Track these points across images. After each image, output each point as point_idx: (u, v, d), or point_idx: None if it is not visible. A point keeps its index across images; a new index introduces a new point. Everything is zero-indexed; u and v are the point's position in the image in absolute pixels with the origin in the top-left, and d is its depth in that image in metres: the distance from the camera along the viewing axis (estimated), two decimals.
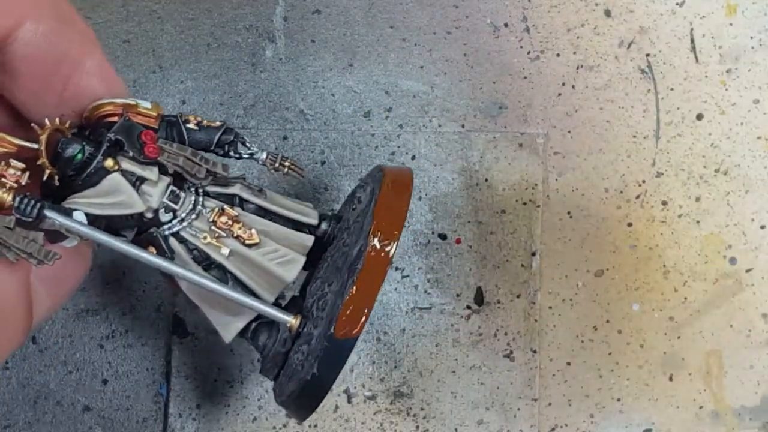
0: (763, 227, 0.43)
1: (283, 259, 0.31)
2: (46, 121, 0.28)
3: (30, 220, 0.26)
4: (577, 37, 0.42)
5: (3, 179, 0.26)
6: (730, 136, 0.43)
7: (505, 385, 0.42)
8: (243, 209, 0.31)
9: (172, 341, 0.41)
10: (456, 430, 0.42)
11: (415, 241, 0.42)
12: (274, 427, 0.41)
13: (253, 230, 0.30)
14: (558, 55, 0.42)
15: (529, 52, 0.42)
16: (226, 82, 0.42)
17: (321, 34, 0.42)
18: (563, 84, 0.42)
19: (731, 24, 0.42)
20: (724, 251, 0.42)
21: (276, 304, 0.31)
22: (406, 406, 0.42)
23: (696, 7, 0.42)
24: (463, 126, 0.42)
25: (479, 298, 0.42)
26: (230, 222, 0.30)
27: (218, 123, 0.31)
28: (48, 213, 0.27)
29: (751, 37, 0.42)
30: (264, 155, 0.32)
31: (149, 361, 0.41)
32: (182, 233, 0.30)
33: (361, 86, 0.42)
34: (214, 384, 0.41)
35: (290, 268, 0.31)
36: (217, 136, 0.31)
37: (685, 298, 0.42)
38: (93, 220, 0.28)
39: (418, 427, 0.42)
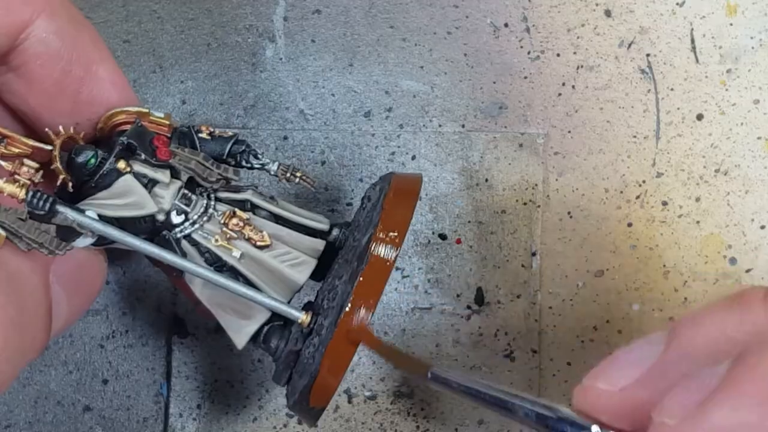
0: (763, 227, 0.43)
1: (294, 261, 0.31)
2: (61, 128, 0.28)
3: (42, 213, 0.26)
4: (578, 37, 0.42)
5: (16, 176, 0.27)
6: (730, 136, 0.43)
7: (506, 386, 0.42)
8: (254, 214, 0.31)
9: (172, 341, 0.41)
10: (456, 430, 0.42)
11: (416, 241, 0.42)
12: (275, 427, 0.41)
13: (265, 232, 0.31)
14: (558, 55, 0.42)
15: (529, 52, 0.42)
16: (226, 82, 0.42)
17: (321, 34, 0.42)
18: (563, 84, 0.42)
19: (731, 24, 0.42)
20: (724, 251, 0.42)
21: None
22: (406, 406, 0.42)
23: (696, 7, 0.42)
24: (463, 126, 0.42)
25: (479, 299, 0.42)
26: (241, 224, 0.30)
27: (230, 133, 0.32)
28: (60, 208, 0.27)
29: (752, 38, 0.42)
30: (275, 166, 0.32)
31: (150, 361, 0.41)
32: (194, 236, 0.30)
33: (361, 86, 0.42)
34: (214, 384, 0.41)
35: (302, 270, 0.31)
36: (228, 146, 0.32)
37: (685, 299, 0.42)
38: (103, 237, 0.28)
39: (418, 427, 0.42)
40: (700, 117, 0.43)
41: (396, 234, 0.29)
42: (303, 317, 0.30)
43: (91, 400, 0.41)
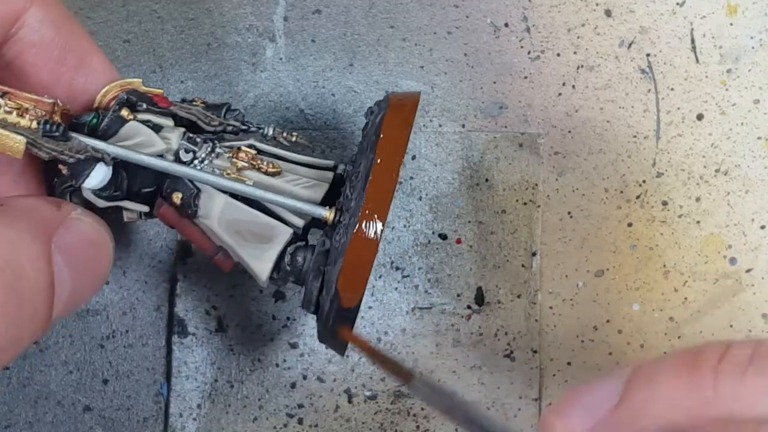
0: (763, 227, 0.43)
1: (307, 183, 0.31)
2: (58, 101, 0.28)
3: (57, 134, 0.27)
4: (578, 37, 0.42)
5: (26, 114, 0.27)
6: (731, 136, 0.43)
7: (506, 385, 0.42)
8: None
9: (172, 341, 0.41)
10: (456, 430, 0.42)
11: (416, 241, 0.42)
12: (275, 427, 0.41)
13: (274, 161, 0.31)
14: (558, 55, 0.42)
15: (529, 52, 0.42)
16: (227, 82, 0.42)
17: (321, 34, 0.42)
18: (563, 84, 0.42)
19: (732, 24, 0.42)
20: (725, 251, 0.42)
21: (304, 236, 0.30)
22: (406, 406, 0.42)
23: (696, 7, 0.42)
24: (463, 126, 0.42)
25: (480, 298, 0.42)
26: (250, 155, 0.31)
27: (221, 102, 0.32)
28: (72, 134, 0.27)
29: (752, 37, 0.42)
30: (271, 129, 0.32)
31: (150, 361, 0.41)
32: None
33: (361, 86, 0.42)
34: (214, 384, 0.41)
35: (316, 191, 0.31)
36: (223, 112, 0.32)
37: (686, 299, 0.42)
38: (114, 179, 0.28)
39: (418, 426, 0.42)
40: (700, 117, 0.43)
41: (399, 139, 0.29)
42: (327, 213, 0.30)
43: (91, 400, 0.41)
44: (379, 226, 0.28)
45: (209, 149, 0.30)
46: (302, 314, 0.42)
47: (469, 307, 0.42)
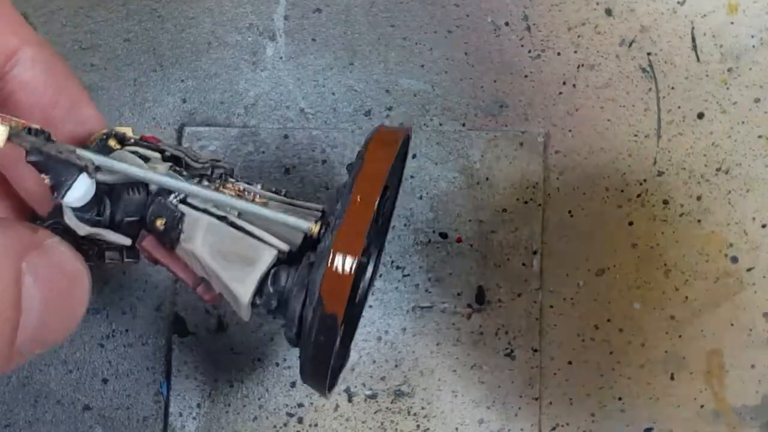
0: (764, 226, 0.42)
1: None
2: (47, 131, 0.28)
3: (41, 136, 0.26)
4: (578, 36, 0.42)
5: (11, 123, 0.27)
6: (731, 135, 0.42)
7: (506, 384, 0.42)
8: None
9: (172, 340, 0.41)
10: (457, 429, 0.42)
11: (416, 240, 0.42)
12: (275, 426, 0.41)
13: (262, 194, 0.31)
14: (559, 53, 0.42)
15: (530, 51, 0.42)
16: (227, 81, 0.42)
17: (322, 32, 0.42)
18: (564, 83, 0.42)
19: (732, 23, 0.42)
20: (725, 250, 0.42)
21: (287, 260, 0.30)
22: (406, 405, 0.42)
23: (697, 5, 0.42)
24: (464, 125, 0.42)
25: (480, 297, 0.42)
26: (237, 188, 0.30)
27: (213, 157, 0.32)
28: (55, 141, 0.26)
29: (752, 36, 0.42)
30: (259, 186, 0.32)
31: (150, 360, 0.41)
32: (190, 199, 0.30)
33: (361, 85, 0.42)
34: (214, 383, 0.41)
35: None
36: (209, 159, 0.32)
37: (686, 297, 0.42)
38: (97, 202, 0.28)
39: (418, 426, 0.42)
40: (701, 115, 0.43)
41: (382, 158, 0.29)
42: (312, 226, 0.29)
43: (90, 399, 0.41)
44: (367, 220, 0.27)
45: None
46: None
47: (469, 305, 0.42)
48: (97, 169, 0.28)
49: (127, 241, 0.29)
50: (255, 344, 0.42)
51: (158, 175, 0.28)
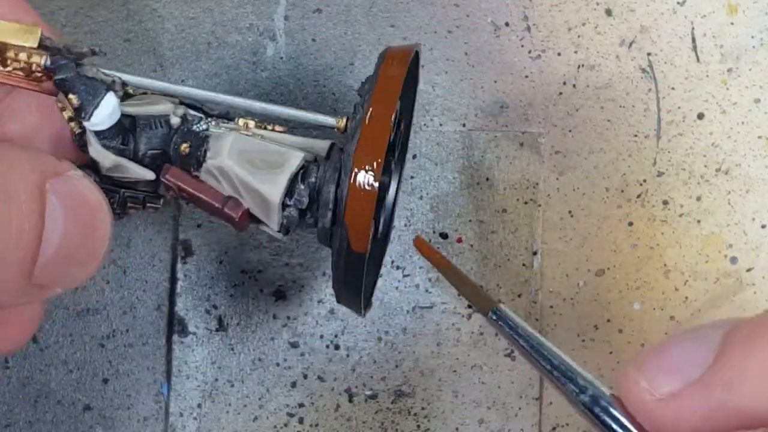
0: (764, 226, 0.43)
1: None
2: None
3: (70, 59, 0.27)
4: (578, 36, 0.42)
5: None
6: (731, 135, 0.43)
7: (507, 385, 0.42)
8: None
9: (172, 340, 0.41)
10: (457, 429, 0.42)
11: None
12: (275, 426, 0.41)
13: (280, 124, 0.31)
14: (559, 54, 0.42)
15: (530, 51, 0.42)
16: (227, 81, 0.42)
17: (322, 33, 0.42)
18: (564, 83, 0.42)
19: (732, 23, 0.42)
20: (725, 250, 0.42)
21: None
22: (407, 406, 0.42)
23: (697, 6, 0.42)
24: (464, 125, 0.42)
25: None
26: (256, 122, 0.31)
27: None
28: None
29: (752, 37, 0.42)
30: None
31: (150, 360, 0.41)
32: (212, 129, 0.30)
33: None
34: (214, 383, 0.41)
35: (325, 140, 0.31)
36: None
37: (686, 298, 0.42)
38: (121, 129, 0.28)
39: (419, 426, 0.42)
40: (701, 116, 0.43)
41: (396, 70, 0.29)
42: (339, 121, 0.30)
43: (91, 400, 0.41)
44: (393, 103, 0.28)
45: (214, 119, 0.31)
46: (302, 313, 0.42)
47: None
48: (124, 85, 0.28)
49: (150, 175, 0.29)
50: (255, 344, 0.42)
51: (188, 87, 0.29)
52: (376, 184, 0.27)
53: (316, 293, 0.42)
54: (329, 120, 0.30)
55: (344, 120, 0.30)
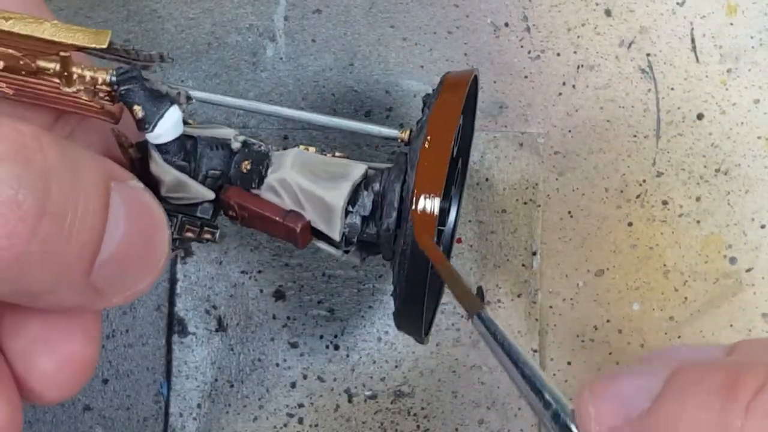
0: (763, 227, 0.43)
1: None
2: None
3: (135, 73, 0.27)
4: (578, 37, 0.42)
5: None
6: (731, 135, 0.43)
7: (506, 385, 0.42)
8: None
9: (172, 341, 0.41)
10: (456, 429, 0.42)
11: None
12: (275, 427, 0.41)
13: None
14: (558, 54, 0.42)
15: (529, 52, 0.42)
16: (227, 82, 0.42)
17: (322, 33, 0.42)
18: (564, 83, 0.43)
19: (732, 24, 0.42)
20: (725, 251, 0.43)
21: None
22: (406, 406, 0.42)
23: (696, 6, 0.42)
24: None
25: (480, 298, 0.42)
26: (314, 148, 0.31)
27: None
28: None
29: (752, 37, 0.42)
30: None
31: (150, 360, 0.41)
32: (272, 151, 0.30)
33: (361, 86, 0.42)
34: (214, 383, 0.41)
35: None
36: None
37: (686, 298, 0.42)
38: (183, 146, 0.28)
39: (418, 426, 0.42)
40: (700, 116, 0.43)
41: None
42: (401, 134, 0.30)
43: (91, 400, 0.41)
44: (455, 123, 0.28)
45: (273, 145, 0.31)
46: (302, 314, 0.42)
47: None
48: (189, 98, 0.28)
49: (210, 194, 0.29)
50: (255, 344, 0.42)
51: (256, 102, 0.30)
52: (444, 174, 0.28)
53: (316, 293, 0.42)
54: (393, 132, 0.30)
55: (407, 131, 0.30)
